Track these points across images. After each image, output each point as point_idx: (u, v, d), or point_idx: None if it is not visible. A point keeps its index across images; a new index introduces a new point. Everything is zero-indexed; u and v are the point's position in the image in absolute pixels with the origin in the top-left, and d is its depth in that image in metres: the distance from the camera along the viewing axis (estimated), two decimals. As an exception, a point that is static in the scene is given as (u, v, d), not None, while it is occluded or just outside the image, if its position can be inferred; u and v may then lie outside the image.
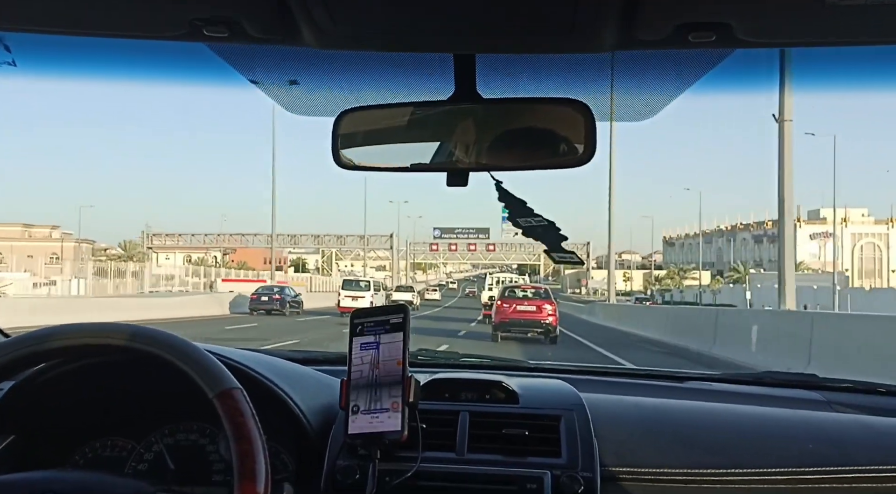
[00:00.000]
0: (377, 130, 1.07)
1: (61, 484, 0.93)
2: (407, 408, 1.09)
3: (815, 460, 1.21)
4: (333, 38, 0.80)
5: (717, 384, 1.74)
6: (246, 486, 0.89)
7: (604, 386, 1.59)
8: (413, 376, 1.12)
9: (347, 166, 1.07)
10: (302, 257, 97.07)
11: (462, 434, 1.24)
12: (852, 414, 1.47)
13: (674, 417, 1.37)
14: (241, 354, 1.27)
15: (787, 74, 1.02)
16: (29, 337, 1.00)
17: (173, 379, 0.99)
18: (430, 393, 1.32)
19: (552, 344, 16.60)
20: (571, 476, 1.14)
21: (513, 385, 1.36)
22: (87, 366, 1.20)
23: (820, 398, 1.62)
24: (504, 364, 2.03)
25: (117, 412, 1.30)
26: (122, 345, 0.99)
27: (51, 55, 1.04)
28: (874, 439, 1.30)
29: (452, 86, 1.00)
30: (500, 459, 1.20)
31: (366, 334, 1.15)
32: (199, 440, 1.29)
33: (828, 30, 0.79)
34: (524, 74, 1.04)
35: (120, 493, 0.94)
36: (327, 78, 1.06)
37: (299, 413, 1.20)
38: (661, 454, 1.23)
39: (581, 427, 1.24)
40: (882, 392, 1.67)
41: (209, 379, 0.96)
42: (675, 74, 0.99)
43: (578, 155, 0.99)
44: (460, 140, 1.02)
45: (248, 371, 1.19)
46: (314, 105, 1.13)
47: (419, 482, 1.13)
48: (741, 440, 1.28)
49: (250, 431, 0.93)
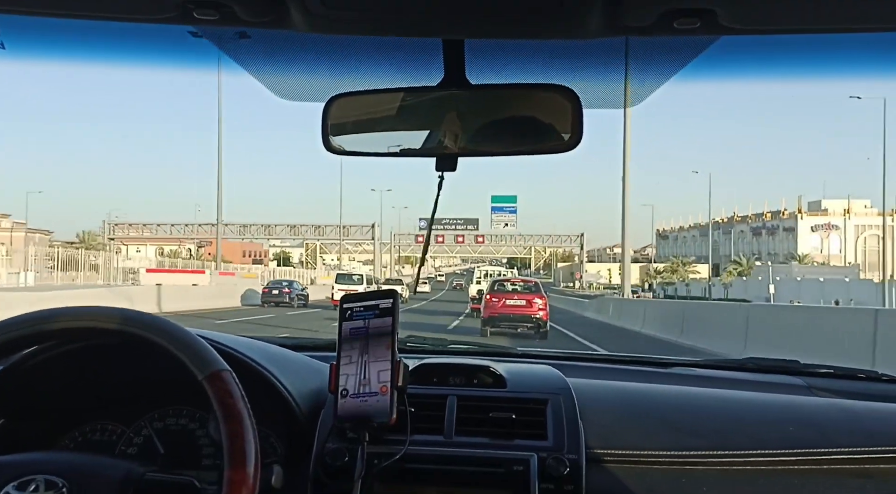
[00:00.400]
0: (367, 116, 1.08)
1: (52, 466, 0.94)
2: (395, 392, 1.10)
3: (796, 442, 1.24)
4: (323, 21, 0.81)
5: (702, 369, 1.77)
6: (236, 468, 0.90)
7: (590, 372, 1.61)
8: (402, 360, 1.13)
9: (337, 152, 1.08)
10: (286, 250, 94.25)
11: (450, 418, 1.25)
12: (832, 398, 1.50)
13: (658, 401, 1.39)
14: (230, 339, 1.28)
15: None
16: (33, 317, 1.00)
17: (162, 363, 1.00)
18: (418, 377, 1.34)
19: (542, 339, 16.27)
20: (557, 458, 1.16)
21: (500, 370, 1.37)
22: (75, 350, 1.20)
23: (801, 383, 1.65)
24: (492, 350, 2.05)
25: (106, 396, 1.31)
26: (112, 329, 0.99)
27: (36, 38, 1.04)
28: (853, 422, 1.32)
29: (441, 72, 1.01)
30: (488, 442, 1.21)
31: (355, 319, 1.16)
32: (188, 424, 1.30)
33: (811, 17, 0.80)
34: (512, 60, 1.05)
35: (110, 475, 0.95)
36: (316, 63, 1.06)
37: (289, 396, 1.21)
38: (645, 437, 1.25)
39: (567, 410, 1.25)
40: (861, 377, 1.71)
41: (199, 361, 0.97)
42: (661, 61, 1.01)
43: (565, 140, 1.00)
44: (449, 125, 1.03)
45: (237, 354, 1.20)
46: (303, 90, 1.14)
47: (407, 464, 1.14)
48: (724, 423, 1.30)
49: (240, 413, 0.94)
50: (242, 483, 0.89)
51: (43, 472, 0.92)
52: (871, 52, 0.99)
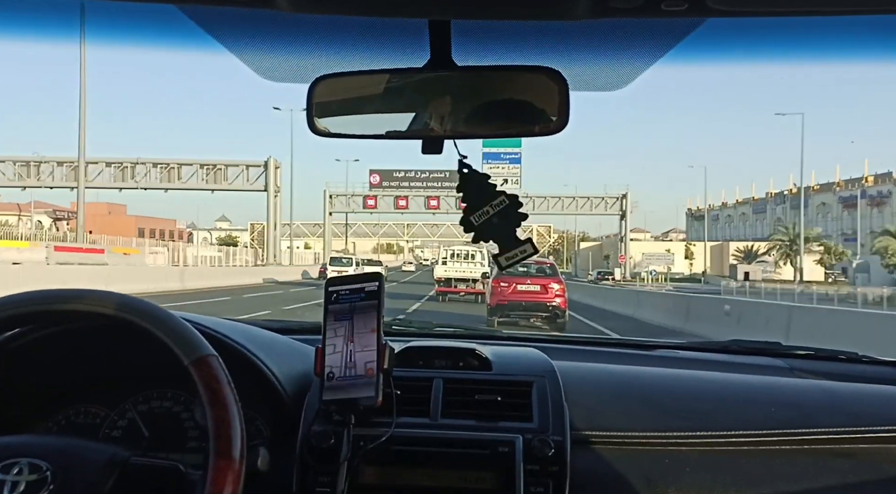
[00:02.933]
0: (352, 97, 1.07)
1: (36, 449, 0.93)
2: (381, 375, 1.11)
3: (777, 423, 1.25)
4: (307, 1, 0.79)
5: (686, 352, 1.79)
6: (222, 451, 0.90)
7: (575, 354, 1.62)
8: (388, 343, 1.13)
9: (322, 133, 1.07)
10: (232, 234, 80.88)
11: (436, 400, 1.26)
12: (813, 380, 1.52)
13: (643, 383, 1.40)
14: (216, 322, 1.27)
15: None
16: (12, 301, 0.99)
17: (147, 347, 0.99)
18: (404, 360, 1.34)
19: (560, 332, 12.89)
20: (542, 439, 1.17)
21: (486, 353, 1.38)
22: (58, 333, 1.19)
23: (783, 365, 1.67)
24: (478, 333, 2.05)
25: (89, 379, 1.30)
26: (97, 312, 0.99)
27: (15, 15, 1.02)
28: (833, 402, 1.34)
29: (427, 53, 1.00)
30: (473, 424, 1.22)
31: (341, 302, 1.16)
32: (173, 407, 1.29)
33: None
34: (499, 42, 1.04)
35: (94, 458, 0.94)
36: (301, 43, 1.05)
37: (274, 379, 1.21)
38: (629, 418, 1.26)
39: (552, 392, 1.26)
40: (842, 359, 1.73)
41: (185, 346, 0.96)
42: (648, 44, 1.00)
43: (552, 123, 1.00)
44: (435, 107, 1.02)
45: (223, 339, 1.19)
46: (288, 71, 1.12)
47: (393, 446, 1.15)
48: (707, 404, 1.32)
49: (226, 397, 0.94)
50: (228, 467, 0.90)
51: (27, 455, 0.92)
52: (862, 35, 0.99)
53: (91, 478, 0.91)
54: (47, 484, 0.89)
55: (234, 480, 0.89)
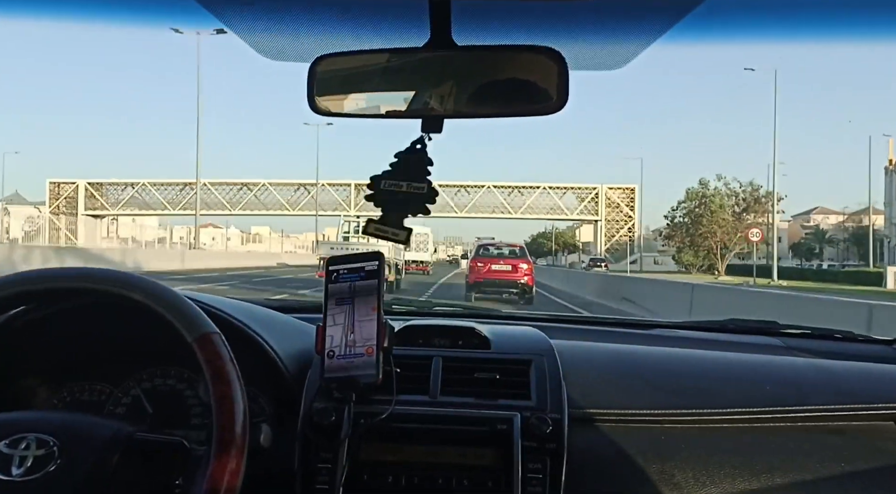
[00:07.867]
0: (353, 76, 1.07)
1: (42, 425, 0.95)
2: (381, 353, 1.12)
3: (773, 400, 1.27)
4: None
5: (683, 331, 1.80)
6: (225, 429, 0.92)
7: (573, 333, 1.63)
8: (387, 322, 1.14)
9: (323, 112, 1.07)
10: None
11: (435, 378, 1.27)
12: (809, 359, 1.53)
13: (640, 362, 1.42)
14: (218, 301, 1.28)
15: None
16: (20, 278, 1.00)
17: (150, 325, 1.00)
18: (404, 339, 1.35)
19: (528, 304, 16.24)
20: (540, 417, 1.18)
21: (485, 331, 1.39)
22: (63, 311, 1.20)
23: (779, 343, 1.68)
24: (477, 312, 2.06)
25: (94, 357, 1.31)
26: (100, 289, 1.00)
27: None
28: (828, 381, 1.36)
29: (428, 33, 1.00)
30: (472, 401, 1.23)
31: (341, 281, 1.17)
32: (176, 384, 1.31)
33: None
34: (498, 22, 1.04)
35: (100, 434, 0.96)
36: (302, 23, 1.05)
37: (276, 357, 1.22)
38: (627, 396, 1.27)
39: (550, 370, 1.28)
40: (838, 337, 1.74)
41: (188, 323, 0.97)
42: (647, 23, 1.00)
43: (551, 102, 1.00)
44: (435, 86, 1.03)
45: (225, 316, 1.20)
46: (288, 50, 1.12)
47: (393, 423, 1.16)
48: (704, 382, 1.33)
49: (229, 374, 0.95)
50: (232, 443, 0.91)
51: (34, 431, 0.93)
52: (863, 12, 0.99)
53: (97, 453, 0.93)
54: (54, 459, 0.90)
55: (238, 455, 0.91)
